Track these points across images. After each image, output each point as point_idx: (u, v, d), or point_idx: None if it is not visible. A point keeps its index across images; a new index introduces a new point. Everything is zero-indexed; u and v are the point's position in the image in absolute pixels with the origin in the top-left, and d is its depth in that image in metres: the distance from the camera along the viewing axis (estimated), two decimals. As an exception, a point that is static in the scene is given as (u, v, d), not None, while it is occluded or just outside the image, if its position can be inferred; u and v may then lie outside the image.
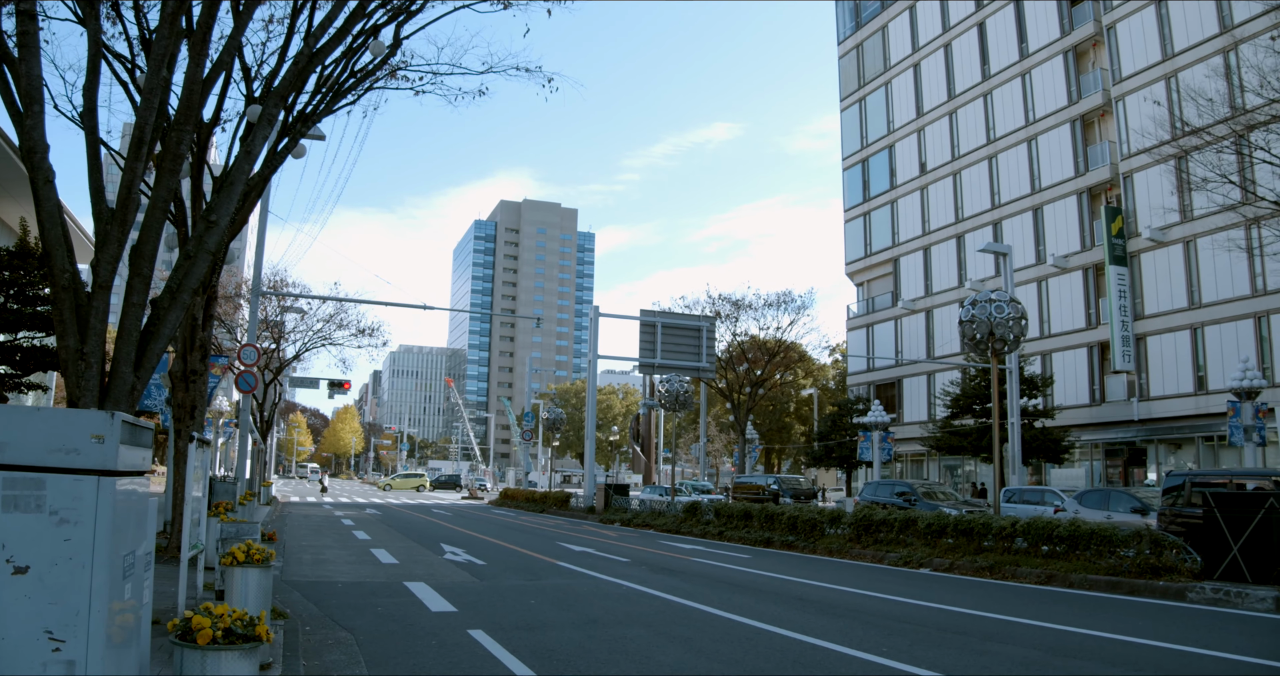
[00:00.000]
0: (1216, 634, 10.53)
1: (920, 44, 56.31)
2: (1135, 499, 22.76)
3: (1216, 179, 27.56)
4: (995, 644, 9.58)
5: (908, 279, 55.80)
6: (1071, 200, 45.24)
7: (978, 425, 40.26)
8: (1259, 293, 36.58)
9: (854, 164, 61.71)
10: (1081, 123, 45.45)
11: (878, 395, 55.79)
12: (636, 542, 24.29)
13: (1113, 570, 14.77)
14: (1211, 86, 29.44)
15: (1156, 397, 40.61)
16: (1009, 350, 21.08)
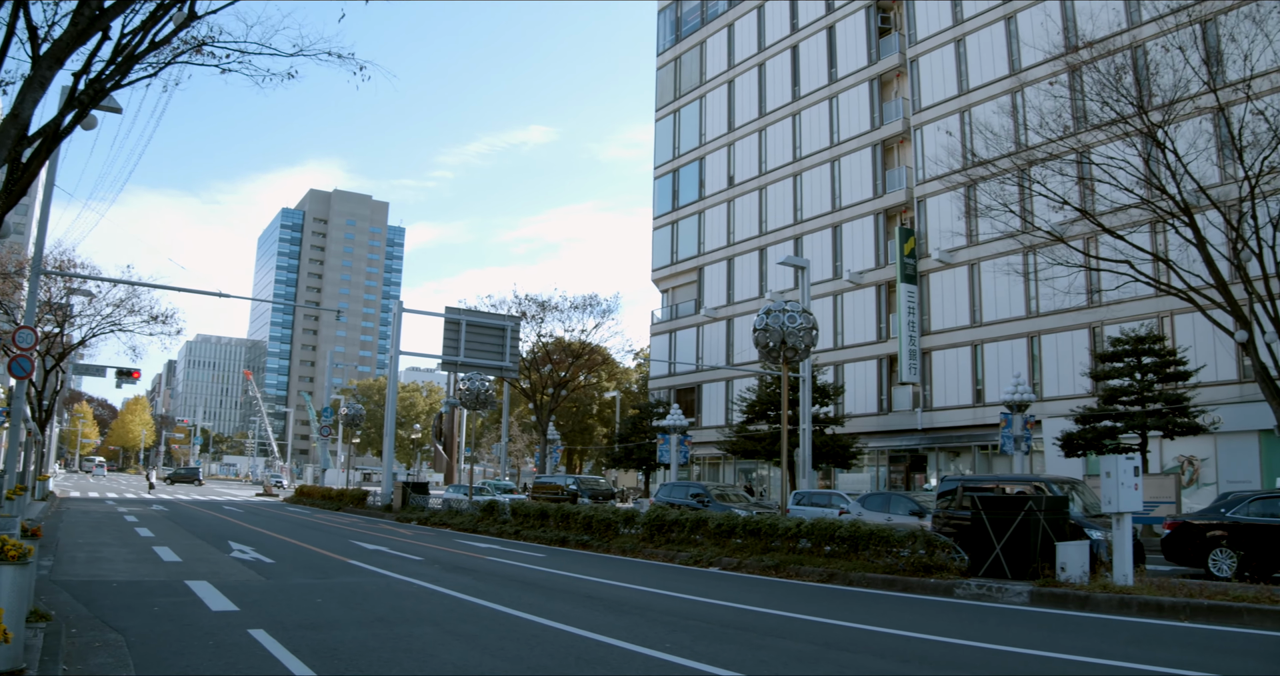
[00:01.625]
0: (977, 626, 11.25)
1: (736, 61, 58.05)
2: (914, 502, 24.08)
3: (999, 208, 29.70)
4: (775, 639, 9.99)
5: (711, 287, 57.37)
6: (869, 220, 47.60)
7: (772, 430, 41.77)
8: (1032, 314, 39.53)
9: (665, 173, 63.03)
10: (882, 147, 47.88)
11: (678, 399, 57.07)
12: (432, 541, 24.28)
13: (889, 568, 15.48)
14: (999, 122, 31.70)
15: (939, 408, 43.19)
16: (800, 358, 21.97)
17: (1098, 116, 28.07)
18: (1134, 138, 27.46)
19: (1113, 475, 13.89)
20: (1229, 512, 18.12)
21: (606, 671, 8.19)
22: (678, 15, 64.71)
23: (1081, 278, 33.69)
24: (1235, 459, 33.19)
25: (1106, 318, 36.50)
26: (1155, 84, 27.79)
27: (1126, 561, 13.77)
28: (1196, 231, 26.67)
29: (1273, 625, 11.08)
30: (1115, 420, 30.55)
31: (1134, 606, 12.19)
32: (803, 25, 53.22)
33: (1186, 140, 29.11)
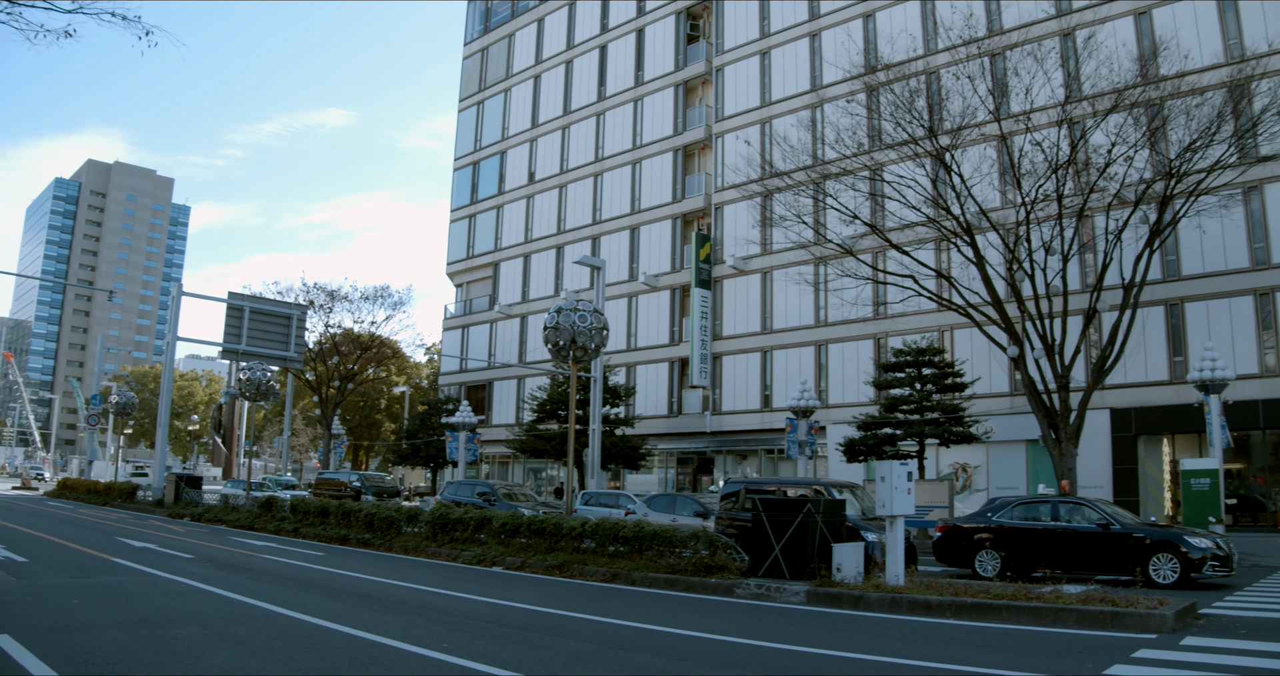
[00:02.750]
0: (755, 624, 11.44)
1: (544, 57, 57.79)
2: (699, 504, 24.41)
3: (793, 219, 30.53)
4: (555, 638, 9.95)
5: (507, 284, 56.95)
6: (667, 224, 48.20)
7: (562, 430, 41.72)
8: (821, 323, 40.88)
9: (465, 165, 62.18)
10: (684, 153, 48.58)
11: (469, 396, 56.44)
12: (205, 538, 23.26)
13: (672, 568, 15.56)
14: (797, 136, 32.58)
15: (728, 412, 44.12)
16: (590, 358, 21.95)
17: (891, 136, 29.20)
18: (924, 159, 28.77)
19: (887, 480, 14.33)
20: (994, 516, 19.09)
21: (379, 671, 8.00)
22: (488, 6, 63.99)
23: (869, 290, 34.99)
24: (1005, 466, 35.23)
25: (891, 329, 38.12)
26: (946, 109, 29.13)
27: (898, 562, 14.24)
28: (976, 251, 28.12)
29: (1028, 620, 11.66)
30: (895, 427, 31.88)
31: (904, 605, 12.62)
32: (613, 26, 53.47)
33: (972, 164, 30.64)
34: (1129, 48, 32.41)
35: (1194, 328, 32.59)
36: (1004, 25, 36.81)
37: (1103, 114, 27.48)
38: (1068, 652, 9.77)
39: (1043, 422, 27.96)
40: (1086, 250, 32.67)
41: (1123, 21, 35.03)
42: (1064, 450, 27.42)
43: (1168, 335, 33.22)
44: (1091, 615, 11.48)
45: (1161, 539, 17.10)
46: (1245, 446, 32.94)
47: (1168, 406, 32.31)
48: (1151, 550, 17.00)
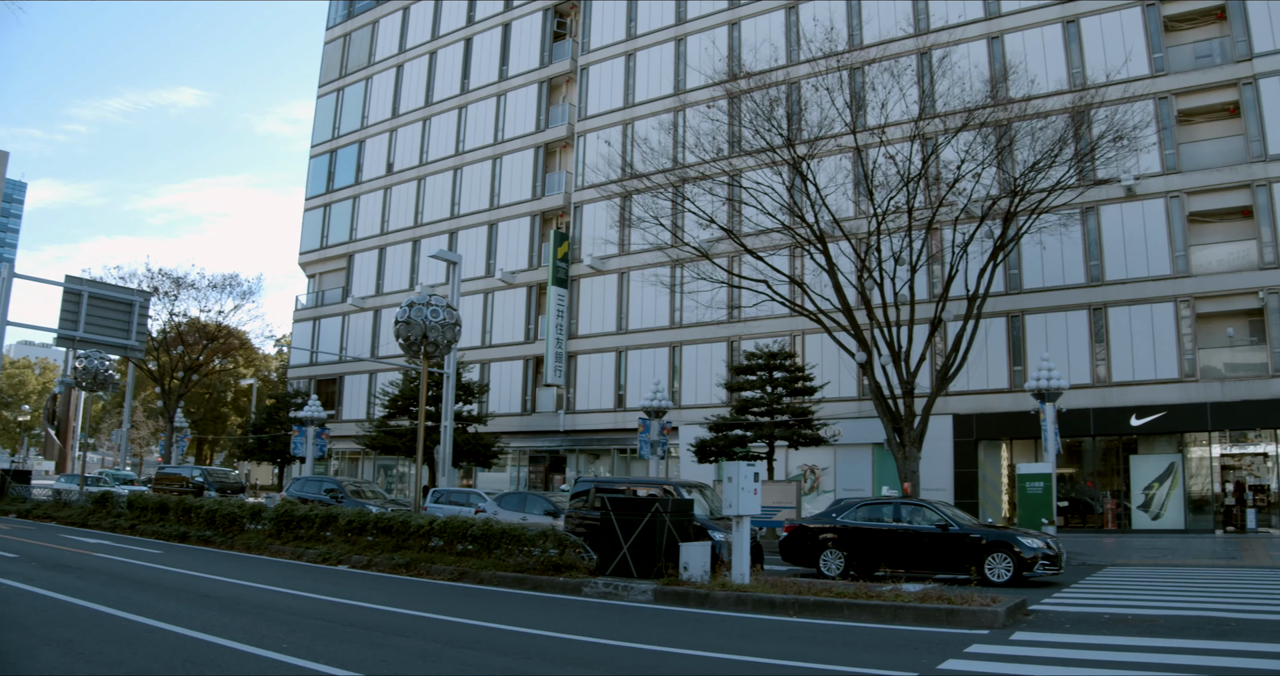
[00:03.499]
0: (602, 623, 11.56)
1: (408, 46, 56.80)
2: (549, 502, 24.39)
3: (651, 220, 30.78)
4: (399, 638, 9.88)
5: (361, 276, 55.80)
6: (525, 220, 47.99)
7: (413, 426, 41.09)
8: (676, 325, 41.29)
9: (322, 153, 60.69)
10: (545, 150, 48.44)
11: (319, 390, 55.12)
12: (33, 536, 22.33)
13: (521, 567, 15.63)
14: (658, 139, 32.84)
15: (581, 411, 44.17)
16: (441, 354, 21.72)
17: (750, 144, 29.78)
18: (781, 167, 29.35)
19: (734, 480, 14.56)
20: (839, 517, 19.63)
21: (215, 673, 7.81)
22: (352, -11, 62.56)
23: (724, 293, 35.61)
24: (852, 468, 36.22)
25: (744, 333, 38.74)
26: (804, 120, 29.75)
27: (744, 561, 14.49)
28: (829, 259, 28.85)
29: (869, 618, 12.02)
30: (746, 429, 32.41)
31: (749, 603, 12.87)
32: (480, 18, 52.92)
33: (827, 174, 31.42)
34: (981, 70, 33.67)
35: (1033, 339, 34.08)
36: (864, 41, 37.85)
37: (953, 131, 28.53)
38: (905, 648, 10.08)
39: (888, 427, 28.84)
40: (934, 261, 33.89)
41: (976, 44, 36.40)
42: (908, 454, 28.33)
43: (1008, 345, 34.64)
44: (929, 612, 11.88)
45: (996, 539, 17.85)
46: (1078, 452, 34.64)
47: (1007, 413, 33.70)
48: (987, 550, 17.74)
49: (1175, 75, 34.02)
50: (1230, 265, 32.70)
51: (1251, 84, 32.86)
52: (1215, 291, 32.42)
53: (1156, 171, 33.38)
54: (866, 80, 30.78)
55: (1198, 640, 10.63)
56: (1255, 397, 31.20)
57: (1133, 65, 33.50)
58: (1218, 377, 32.24)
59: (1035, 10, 36.25)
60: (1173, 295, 32.60)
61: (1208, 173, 33.02)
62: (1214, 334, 32.98)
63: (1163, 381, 32.38)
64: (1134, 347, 32.84)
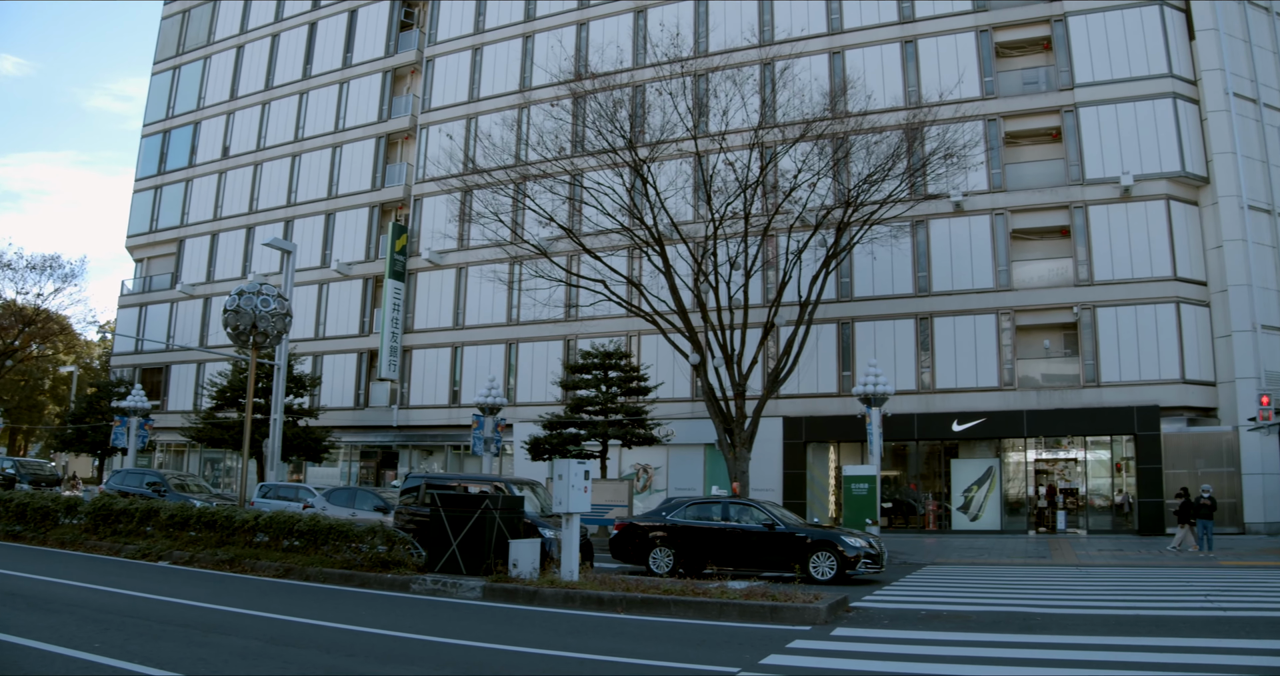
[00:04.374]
0: (429, 620, 11.45)
1: (249, 27, 54.78)
2: (380, 498, 24.00)
3: (490, 216, 30.52)
4: (219, 635, 9.62)
5: (191, 262, 53.63)
6: (364, 211, 46.93)
7: (242, 418, 39.86)
8: (513, 322, 41.02)
9: (155, 133, 58.06)
10: (386, 141, 47.47)
11: (144, 380, 52.81)
12: None
13: (348, 564, 15.39)
14: (500, 135, 32.58)
15: (415, 407, 43.47)
16: (271, 344, 21.19)
17: (592, 144, 29.82)
18: (622, 169, 29.46)
19: (565, 478, 14.64)
20: (668, 515, 19.85)
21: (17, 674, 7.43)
22: (190, -36, 60.03)
23: (561, 292, 35.55)
24: (684, 468, 36.61)
25: (581, 331, 38.74)
26: (646, 123, 29.97)
27: (573, 558, 14.57)
28: (666, 261, 29.10)
29: (695, 614, 12.19)
30: (581, 427, 32.43)
31: (577, 600, 12.92)
32: (325, 2, 51.50)
33: (668, 178, 31.75)
34: (821, 83, 34.50)
35: (862, 345, 35.07)
36: (709, 49, 38.35)
37: (792, 142, 29.10)
38: (729, 644, 10.25)
39: (719, 427, 29.26)
40: (769, 267, 34.55)
41: (818, 58, 37.27)
42: (738, 454, 28.79)
43: (839, 351, 35.56)
44: (753, 609, 12.12)
45: (821, 538, 18.34)
46: (903, 455, 35.83)
47: (836, 416, 34.59)
48: (812, 549, 18.19)
49: (1004, 99, 35.58)
50: (1048, 281, 34.34)
51: (1073, 111, 34.59)
52: (1034, 305, 33.98)
53: (983, 189, 34.79)
54: (710, 87, 31.17)
55: (1007, 634, 11.15)
56: (1068, 406, 32.83)
57: (965, 87, 34.81)
58: (1034, 387, 33.77)
59: (876, 29, 37.35)
60: (995, 308, 34.02)
61: (1030, 193, 34.61)
62: (1032, 346, 34.57)
63: (983, 389, 33.75)
64: (957, 356, 34.15)
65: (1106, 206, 33.72)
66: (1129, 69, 34.43)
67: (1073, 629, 11.63)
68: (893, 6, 37.44)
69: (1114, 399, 32.50)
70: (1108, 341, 32.95)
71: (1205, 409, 33.04)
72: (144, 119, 59.39)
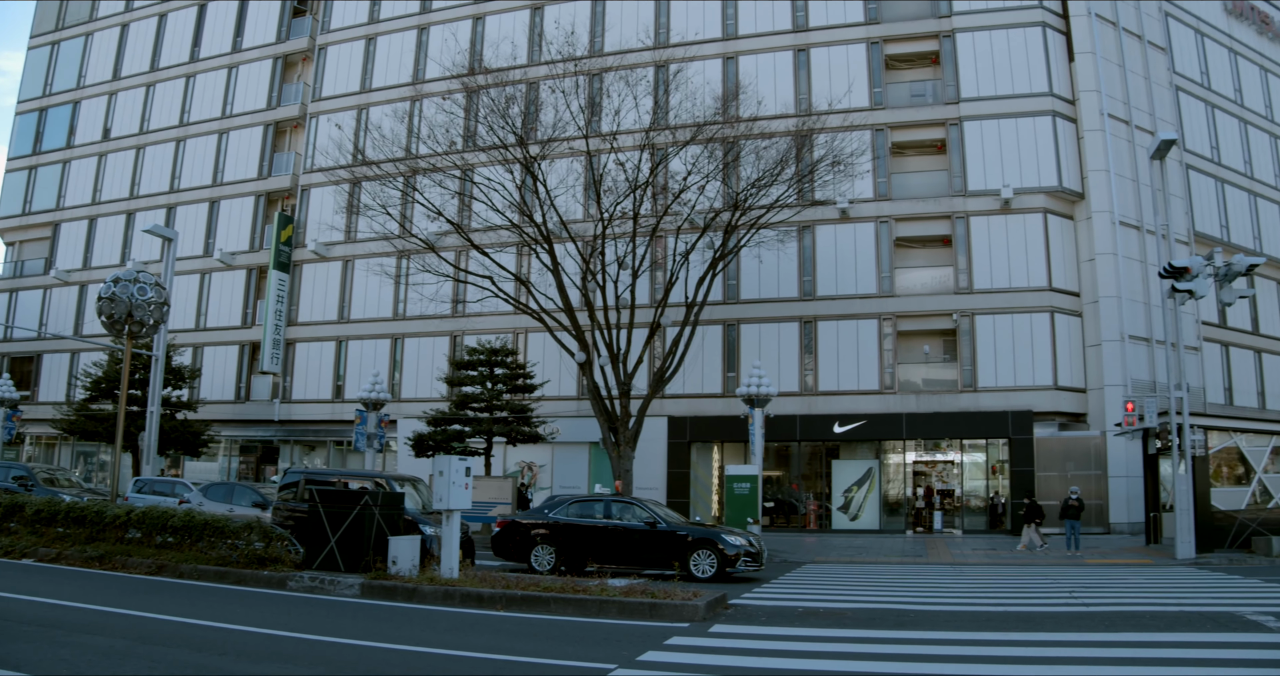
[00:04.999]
0: (305, 618, 11.33)
1: (135, 5, 52.82)
2: (258, 493, 23.62)
3: (378, 209, 30.15)
4: (84, 635, 9.39)
5: (67, 247, 51.74)
6: (249, 200, 45.85)
7: (116, 411, 38.65)
8: (399, 317, 40.50)
9: (31, 111, 55.87)
10: (275, 129, 46.47)
11: (12, 369, 50.70)
12: None
13: (223, 561, 15.14)
14: (391, 127, 32.18)
15: (298, 401, 42.64)
16: (148, 334, 20.70)
17: (484, 140, 29.59)
18: (513, 165, 29.34)
19: (445, 474, 14.60)
20: (551, 513, 19.90)
21: None
22: (74, -62, 57.90)
23: (449, 287, 35.29)
24: (569, 466, 36.63)
25: (467, 328, 38.44)
26: (539, 120, 29.90)
27: (453, 556, 14.53)
28: (554, 259, 29.08)
29: (575, 611, 12.30)
30: (465, 424, 32.18)
31: (457, 597, 12.90)
32: (213, -16, 50.21)
33: (558, 176, 31.75)
34: (714, 87, 34.84)
35: (747, 347, 35.49)
36: (604, 48, 38.41)
37: (682, 144, 29.34)
38: (607, 641, 10.34)
39: (604, 426, 29.34)
40: (657, 268, 34.74)
41: (712, 62, 37.60)
42: (622, 453, 28.90)
43: (724, 352, 35.93)
44: (633, 606, 12.26)
45: (702, 537, 18.57)
46: (785, 456, 36.34)
47: (720, 417, 34.93)
48: (693, 547, 18.41)
49: (892, 110, 36.41)
50: (930, 288, 35.22)
51: (957, 125, 35.55)
52: (915, 311, 34.81)
53: (869, 197, 35.53)
54: (603, 87, 31.22)
55: (881, 630, 11.47)
56: (945, 410, 33.74)
57: (854, 97, 35.49)
58: (914, 391, 34.61)
59: (770, 36, 37.86)
60: (877, 313, 34.75)
61: (914, 202, 35.47)
62: (912, 350, 35.42)
63: (865, 392, 34.46)
64: (840, 360, 34.80)
65: (987, 217, 34.74)
66: (1012, 86, 35.53)
67: (944, 625, 12.01)
68: (787, 15, 38.01)
69: (990, 403, 33.49)
70: (985, 348, 33.94)
71: (1075, 414, 34.24)
72: (18, 95, 57.12)
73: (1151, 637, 11.02)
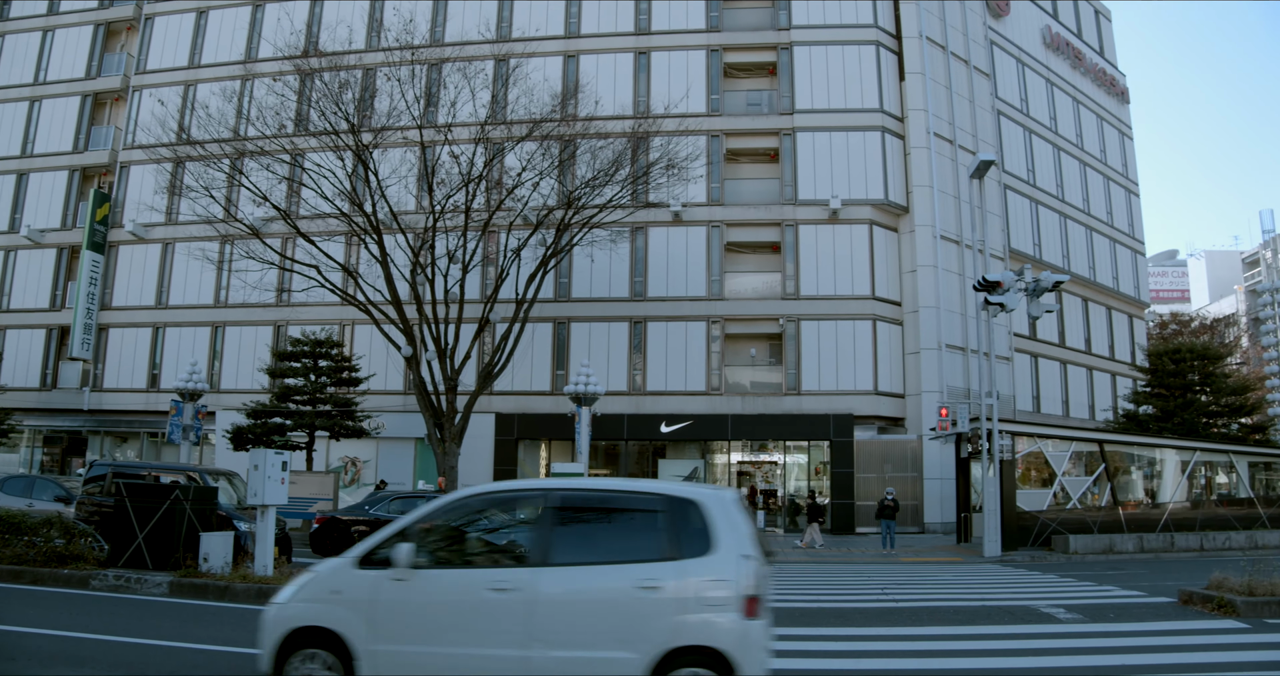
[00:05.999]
0: (107, 618, 10.93)
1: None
2: (61, 488, 22.52)
3: (202, 191, 29.07)
4: None
5: None
6: (63, 174, 43.47)
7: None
8: (220, 304, 39.01)
9: None
10: (94, 100, 44.17)
11: None
12: None
13: (20, 559, 14.47)
14: (218, 106, 31.02)
15: (110, 390, 40.66)
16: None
17: (315, 125, 28.85)
18: (344, 153, 28.65)
19: (261, 468, 14.26)
20: (372, 510, 19.66)
21: None
22: None
23: (274, 275, 34.27)
24: (394, 462, 35.99)
25: (293, 317, 37.28)
26: (373, 108, 29.30)
27: (268, 553, 14.26)
28: (383, 251, 28.57)
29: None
30: (287, 417, 31.33)
31: (268, 595, 12.45)
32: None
33: (391, 166, 31.16)
34: (553, 84, 34.70)
35: (576, 345, 35.55)
36: (445, 38, 37.87)
37: (518, 140, 29.19)
38: None
39: (429, 422, 28.97)
40: (488, 263, 34.50)
41: (553, 59, 37.53)
42: (448, 449, 28.60)
43: (554, 350, 35.91)
44: None
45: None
46: (614, 454, 36.53)
47: (549, 414, 34.87)
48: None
49: (728, 117, 37.10)
50: (758, 293, 36.00)
51: (791, 135, 36.46)
52: (743, 315, 35.53)
53: (702, 201, 36.09)
54: (441, 78, 30.78)
55: None
56: (770, 412, 34.54)
57: (692, 102, 36.03)
58: (740, 393, 35.32)
59: (612, 37, 38.05)
60: (706, 315, 35.32)
61: (746, 208, 36.19)
62: (740, 353, 36.13)
63: (692, 393, 34.97)
64: (668, 361, 35.20)
65: (815, 226, 35.71)
66: (845, 101, 36.65)
67: None
68: (630, 17, 38.27)
69: (813, 407, 34.42)
70: (809, 353, 34.89)
71: (894, 418, 35.53)
72: None
73: (954, 630, 11.65)
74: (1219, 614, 12.77)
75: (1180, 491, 30.59)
